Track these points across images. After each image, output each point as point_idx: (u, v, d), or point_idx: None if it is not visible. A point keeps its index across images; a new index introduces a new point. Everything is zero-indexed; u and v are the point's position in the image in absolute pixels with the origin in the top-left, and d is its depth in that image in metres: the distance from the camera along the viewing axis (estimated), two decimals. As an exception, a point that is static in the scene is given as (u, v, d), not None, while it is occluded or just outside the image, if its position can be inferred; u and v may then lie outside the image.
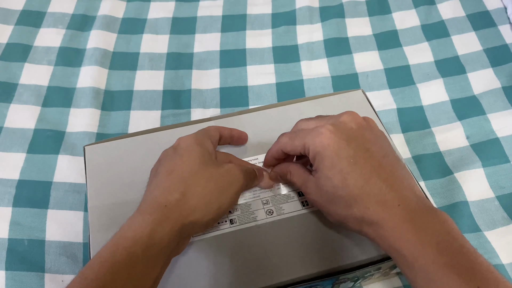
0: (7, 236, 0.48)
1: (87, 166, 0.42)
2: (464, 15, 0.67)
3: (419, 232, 0.29)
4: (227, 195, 0.35)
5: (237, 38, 0.66)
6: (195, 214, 0.32)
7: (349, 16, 0.68)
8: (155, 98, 0.60)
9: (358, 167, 0.31)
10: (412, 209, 0.30)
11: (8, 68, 0.62)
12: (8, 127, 0.56)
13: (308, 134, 0.34)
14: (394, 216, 0.30)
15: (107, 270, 0.28)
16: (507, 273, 0.45)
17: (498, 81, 0.59)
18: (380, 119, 0.45)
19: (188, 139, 0.36)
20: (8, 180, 0.52)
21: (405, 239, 0.29)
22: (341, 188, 0.31)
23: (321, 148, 0.32)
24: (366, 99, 0.46)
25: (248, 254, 0.37)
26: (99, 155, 0.42)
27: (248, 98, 0.60)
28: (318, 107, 0.46)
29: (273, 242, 0.37)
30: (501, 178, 0.51)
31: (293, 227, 0.38)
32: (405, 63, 0.63)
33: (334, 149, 0.32)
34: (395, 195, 0.30)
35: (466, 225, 0.48)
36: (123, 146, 0.43)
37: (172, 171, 0.34)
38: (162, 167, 0.34)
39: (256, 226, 0.38)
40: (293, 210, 0.39)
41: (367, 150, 0.32)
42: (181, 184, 0.33)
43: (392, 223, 0.29)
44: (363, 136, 0.33)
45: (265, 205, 0.39)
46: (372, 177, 0.31)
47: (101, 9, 0.69)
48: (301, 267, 0.36)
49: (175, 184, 0.33)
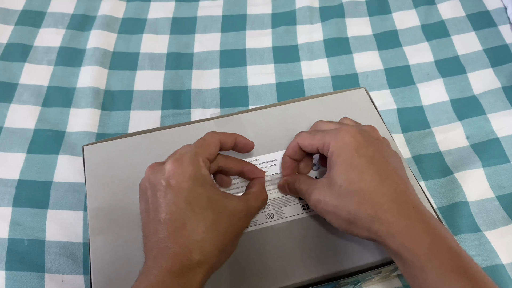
0: (7, 236, 0.48)
1: (86, 166, 0.41)
2: (464, 15, 0.67)
3: (433, 235, 0.29)
4: (232, 239, 0.33)
5: (237, 38, 0.66)
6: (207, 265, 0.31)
7: (349, 16, 0.68)
8: (155, 98, 0.60)
9: (375, 166, 0.32)
10: (425, 214, 0.30)
11: (8, 68, 0.62)
12: (8, 127, 0.56)
13: (330, 132, 0.35)
14: (408, 216, 0.30)
15: None
16: (507, 273, 0.45)
17: (498, 81, 0.59)
18: (382, 118, 0.45)
19: (180, 175, 0.32)
20: (8, 180, 0.52)
21: (420, 239, 0.29)
22: (357, 182, 0.32)
23: (342, 144, 0.33)
24: (369, 97, 0.46)
25: (249, 258, 0.36)
26: (98, 155, 0.42)
27: (248, 98, 0.60)
28: (320, 106, 0.46)
29: (273, 247, 0.37)
30: (501, 178, 0.51)
31: (293, 231, 0.38)
32: (405, 63, 0.63)
33: (354, 146, 0.33)
34: (409, 199, 0.31)
35: (466, 225, 0.48)
36: (122, 146, 0.43)
37: (170, 219, 0.31)
38: (155, 212, 0.31)
39: (257, 230, 0.38)
40: (294, 214, 0.39)
41: (384, 156, 0.33)
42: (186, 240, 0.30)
43: (406, 222, 0.30)
44: (381, 146, 0.34)
45: (265, 208, 0.39)
46: (388, 178, 0.32)
47: (101, 9, 0.69)
48: (301, 272, 0.36)
49: (179, 242, 0.30)
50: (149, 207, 0.32)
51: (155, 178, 0.32)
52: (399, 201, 0.31)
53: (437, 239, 0.29)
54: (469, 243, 0.47)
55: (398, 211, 0.30)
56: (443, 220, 0.49)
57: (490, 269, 0.45)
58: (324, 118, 0.40)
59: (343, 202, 0.32)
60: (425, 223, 0.30)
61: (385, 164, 0.33)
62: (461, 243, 0.47)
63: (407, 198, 0.31)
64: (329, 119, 0.40)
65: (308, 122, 0.42)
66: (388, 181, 0.32)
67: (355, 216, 0.32)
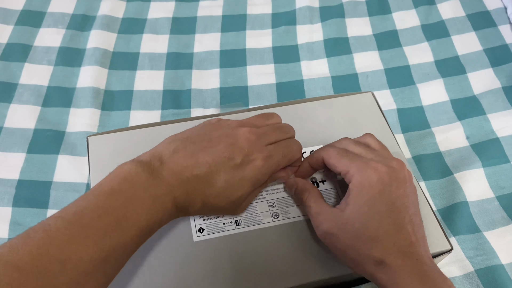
0: (7, 236, 0.48)
1: (91, 157, 0.42)
2: (464, 15, 0.67)
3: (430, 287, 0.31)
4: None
5: (237, 38, 0.66)
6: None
7: (349, 16, 0.68)
8: (155, 98, 0.60)
9: (394, 215, 0.33)
10: (427, 266, 0.32)
11: (8, 68, 0.62)
12: (8, 127, 0.56)
13: (356, 163, 0.34)
14: (411, 267, 0.32)
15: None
16: (507, 273, 0.45)
17: (498, 81, 0.59)
18: (387, 122, 0.45)
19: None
20: (8, 180, 0.52)
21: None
22: (374, 230, 0.32)
23: (366, 183, 0.33)
24: (375, 101, 0.46)
25: (252, 258, 0.36)
26: (102, 146, 0.42)
27: (248, 98, 0.60)
28: (326, 108, 0.46)
29: (277, 247, 0.37)
30: (501, 178, 0.51)
31: (298, 232, 0.38)
32: (405, 63, 0.63)
33: (379, 190, 0.33)
34: (415, 251, 0.32)
35: (466, 225, 0.48)
36: (127, 138, 0.43)
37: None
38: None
39: (261, 229, 0.38)
40: (299, 215, 0.39)
41: (404, 203, 0.34)
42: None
43: (409, 273, 0.31)
44: (404, 190, 0.34)
45: (271, 207, 0.39)
46: (403, 229, 0.33)
47: (101, 9, 0.69)
48: (304, 274, 0.36)
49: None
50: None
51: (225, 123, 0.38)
52: (406, 252, 0.32)
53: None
54: (468, 244, 0.47)
55: (403, 261, 0.32)
56: (442, 221, 0.49)
57: (489, 269, 0.45)
58: (330, 121, 0.40)
59: (355, 244, 0.33)
60: (425, 275, 0.31)
61: (403, 212, 0.33)
62: (460, 244, 0.47)
63: (414, 250, 0.32)
64: (335, 122, 0.40)
65: (314, 124, 0.42)
66: (403, 231, 0.33)
67: (362, 259, 0.33)
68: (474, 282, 0.44)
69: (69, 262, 0.26)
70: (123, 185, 0.30)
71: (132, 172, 0.31)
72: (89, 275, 0.27)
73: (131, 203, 0.30)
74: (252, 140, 0.35)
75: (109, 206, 0.29)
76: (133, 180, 0.31)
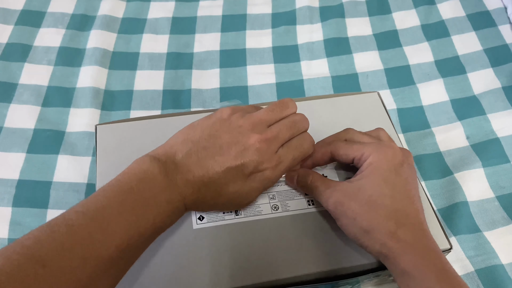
0: (7, 236, 0.48)
1: (98, 145, 0.42)
2: (464, 15, 0.67)
3: (443, 263, 0.32)
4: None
5: (237, 38, 0.66)
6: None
7: (349, 16, 0.68)
8: (155, 98, 0.60)
9: (408, 188, 0.35)
10: (432, 241, 0.34)
11: (8, 68, 0.62)
12: (8, 127, 0.56)
13: (371, 145, 0.36)
14: (424, 241, 0.33)
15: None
16: (507, 273, 0.45)
17: (498, 81, 0.59)
18: (393, 123, 0.45)
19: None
20: (8, 180, 0.52)
21: (433, 263, 0.32)
22: (388, 198, 0.33)
23: (383, 158, 0.35)
24: (381, 102, 0.46)
25: (250, 247, 0.37)
26: (110, 135, 0.43)
27: (248, 98, 0.60)
28: (331, 107, 0.46)
29: (276, 238, 0.37)
30: (501, 178, 0.51)
31: (297, 225, 0.38)
32: (405, 63, 0.63)
33: (396, 163, 0.35)
34: (423, 228, 0.34)
35: (466, 225, 0.48)
36: (135, 127, 0.43)
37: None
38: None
39: (261, 220, 0.38)
40: (298, 208, 0.39)
41: (414, 183, 0.36)
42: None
43: (422, 245, 0.33)
44: (414, 172, 0.37)
45: (271, 199, 0.39)
46: (414, 203, 0.34)
47: (101, 9, 0.69)
48: (302, 266, 0.36)
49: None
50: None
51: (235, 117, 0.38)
52: (418, 225, 0.33)
53: (447, 265, 0.32)
54: (468, 244, 0.47)
55: (415, 234, 0.33)
56: (442, 221, 0.49)
57: (489, 269, 0.45)
58: (336, 119, 0.41)
59: (368, 211, 0.33)
60: (434, 251, 0.33)
61: (414, 189, 0.35)
62: (461, 243, 0.47)
63: (423, 227, 0.34)
64: (340, 121, 0.40)
65: (319, 122, 0.42)
66: (415, 205, 0.34)
67: (374, 228, 0.33)
68: (474, 282, 0.44)
69: (90, 259, 0.27)
70: (140, 186, 0.31)
71: (149, 173, 0.32)
72: (106, 272, 0.28)
73: (148, 205, 0.31)
74: (263, 149, 0.34)
75: (128, 206, 0.30)
76: (150, 182, 0.32)
